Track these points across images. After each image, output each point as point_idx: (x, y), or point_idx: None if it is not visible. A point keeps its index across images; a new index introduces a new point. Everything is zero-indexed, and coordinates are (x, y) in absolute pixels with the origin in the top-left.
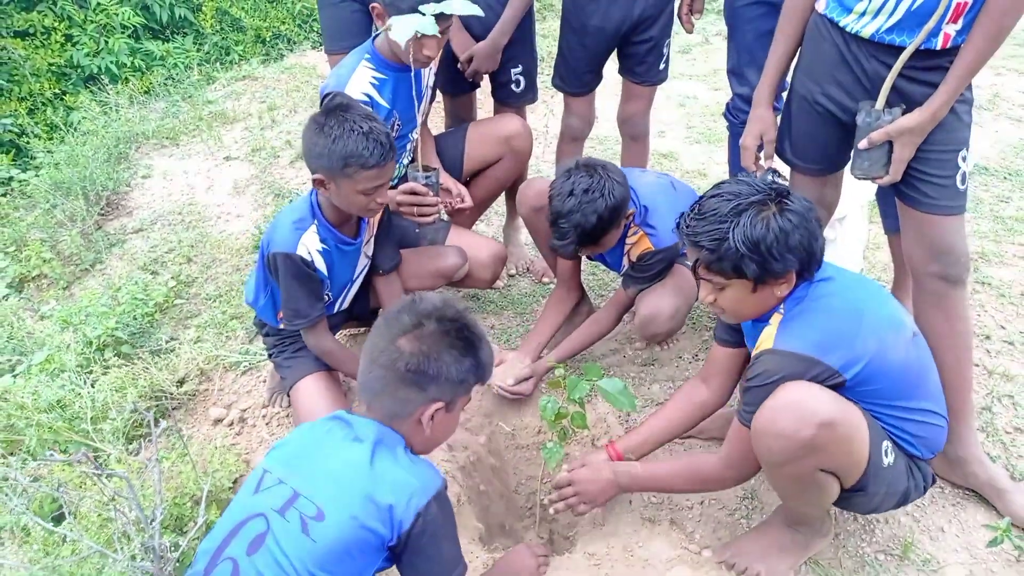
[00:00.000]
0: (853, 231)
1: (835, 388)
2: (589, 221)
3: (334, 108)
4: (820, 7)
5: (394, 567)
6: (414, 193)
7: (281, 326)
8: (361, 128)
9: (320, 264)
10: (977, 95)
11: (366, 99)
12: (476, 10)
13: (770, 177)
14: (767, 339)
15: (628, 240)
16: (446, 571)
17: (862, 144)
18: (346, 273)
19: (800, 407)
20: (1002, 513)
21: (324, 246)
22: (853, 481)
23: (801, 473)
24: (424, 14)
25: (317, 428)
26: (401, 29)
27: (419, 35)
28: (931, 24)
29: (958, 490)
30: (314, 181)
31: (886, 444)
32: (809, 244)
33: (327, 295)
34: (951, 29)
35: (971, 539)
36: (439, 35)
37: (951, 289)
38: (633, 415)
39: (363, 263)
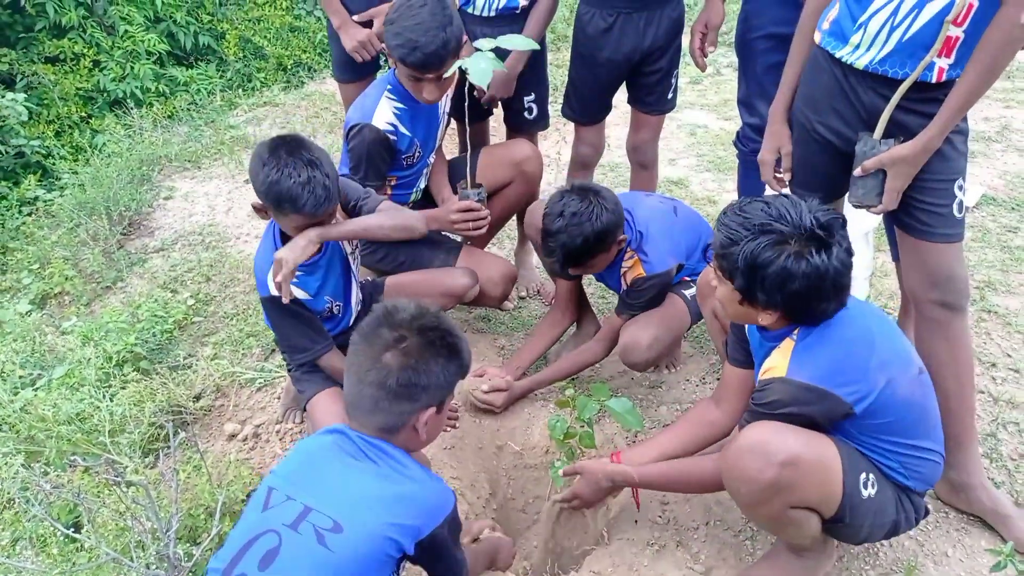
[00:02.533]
0: (859, 258)
1: (845, 420)
2: (575, 243)
3: (279, 146)
4: (817, 39)
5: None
6: (469, 210)
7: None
8: (299, 177)
9: (301, 294)
10: (986, 127)
11: (391, 129)
12: (534, 45)
13: (828, 217)
14: (779, 366)
15: (624, 264)
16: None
17: (856, 171)
18: (329, 292)
19: (762, 448)
20: (1006, 539)
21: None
22: (830, 513)
23: (774, 512)
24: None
25: (317, 444)
26: (478, 73)
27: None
28: (928, 59)
29: (962, 515)
30: (253, 205)
31: (865, 476)
32: (807, 299)
33: (336, 306)
34: (944, 63)
35: (975, 564)
36: (438, 79)
37: (952, 316)
38: (640, 435)
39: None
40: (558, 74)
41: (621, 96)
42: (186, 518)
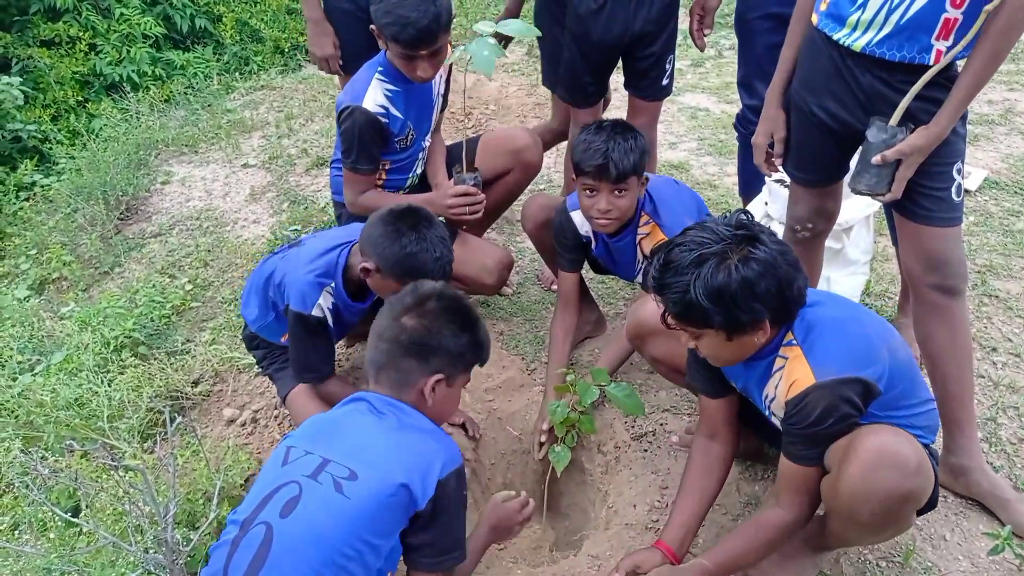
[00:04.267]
0: (859, 241)
1: (873, 399)
2: (620, 146)
3: (416, 220)
4: (814, 21)
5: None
6: (465, 194)
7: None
8: (435, 252)
9: (328, 320)
10: (990, 110)
11: (382, 111)
12: (535, 32)
13: (741, 216)
14: (801, 375)
15: (640, 231)
16: (446, 550)
17: (876, 159)
18: (350, 326)
19: (893, 460)
20: (1004, 522)
21: (334, 304)
22: (926, 500)
23: (902, 522)
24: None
25: (340, 408)
26: (481, 61)
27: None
28: (959, 48)
29: (961, 499)
30: (363, 268)
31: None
32: (779, 290)
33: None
34: (942, 45)
35: (973, 548)
36: (433, 55)
37: (950, 300)
38: (640, 420)
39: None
40: None
41: (618, 79)
42: (184, 503)
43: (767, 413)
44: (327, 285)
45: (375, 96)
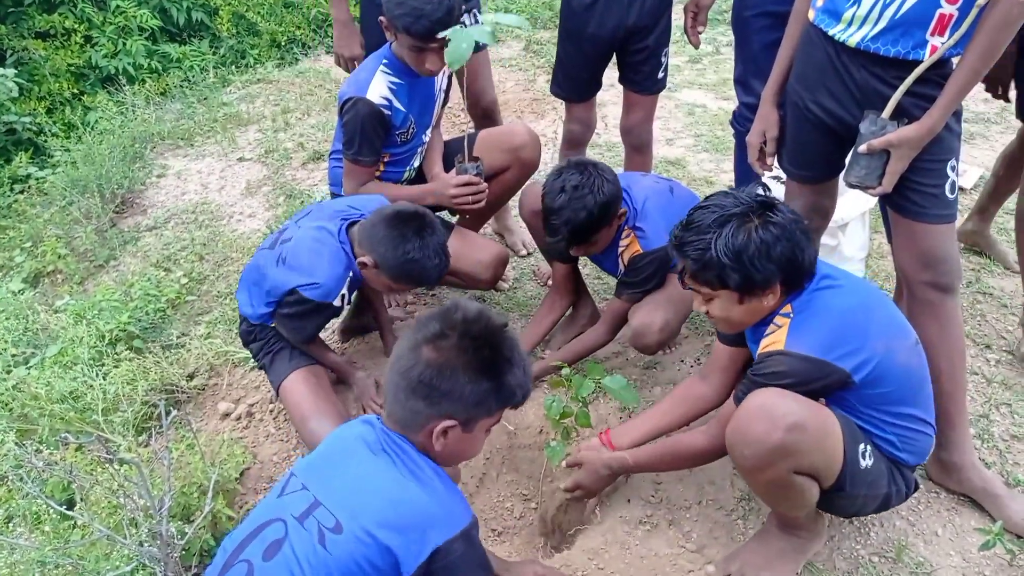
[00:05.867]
0: (855, 238)
1: (844, 390)
2: (579, 217)
3: (420, 224)
4: (811, 17)
5: None
6: (469, 184)
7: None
8: (432, 260)
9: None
10: (986, 108)
11: (386, 103)
12: (524, 23)
13: (760, 189)
14: (777, 341)
15: (621, 243)
16: None
17: (862, 148)
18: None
19: (768, 412)
20: (995, 518)
21: (349, 284)
22: (831, 482)
23: (777, 477)
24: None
25: (346, 433)
26: (456, 52)
27: (434, 45)
28: (951, 43)
29: (953, 495)
30: (361, 262)
31: (863, 447)
32: (793, 256)
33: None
34: (937, 41)
35: (964, 543)
36: (443, 49)
37: (944, 297)
38: (635, 413)
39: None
40: (549, 51)
41: (615, 75)
42: (179, 496)
43: None
44: (347, 277)
45: (379, 88)
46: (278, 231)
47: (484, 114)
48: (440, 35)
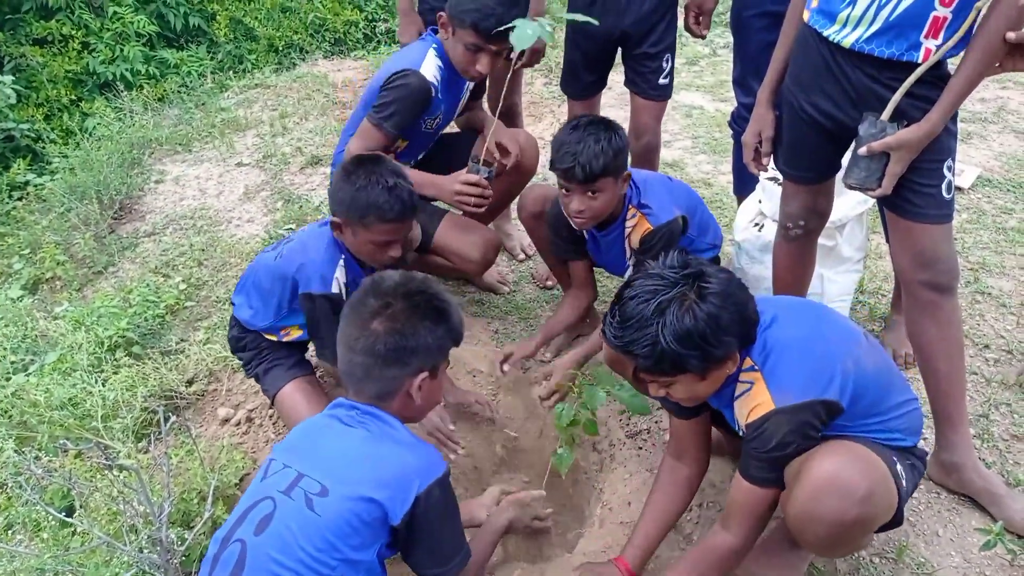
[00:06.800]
0: (853, 238)
1: (837, 418)
2: (591, 147)
3: (364, 160)
4: (805, 17)
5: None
6: (476, 185)
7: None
8: (387, 182)
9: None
10: (983, 108)
11: (435, 83)
12: (592, 20)
13: (676, 257)
14: (761, 402)
15: (627, 224)
16: (447, 557)
17: (862, 151)
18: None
19: (837, 488)
20: (996, 518)
21: (348, 278)
22: (888, 518)
23: (853, 545)
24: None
25: (319, 419)
26: (521, 36)
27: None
28: (948, 46)
29: (953, 495)
30: (332, 223)
31: (898, 467)
32: (742, 317)
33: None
34: (931, 44)
35: (965, 543)
36: (496, 54)
37: (941, 298)
38: (635, 418)
39: None
40: (555, 54)
41: (617, 78)
42: (179, 502)
43: (740, 432)
44: (339, 259)
45: (430, 68)
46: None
47: (506, 112)
48: (502, 28)
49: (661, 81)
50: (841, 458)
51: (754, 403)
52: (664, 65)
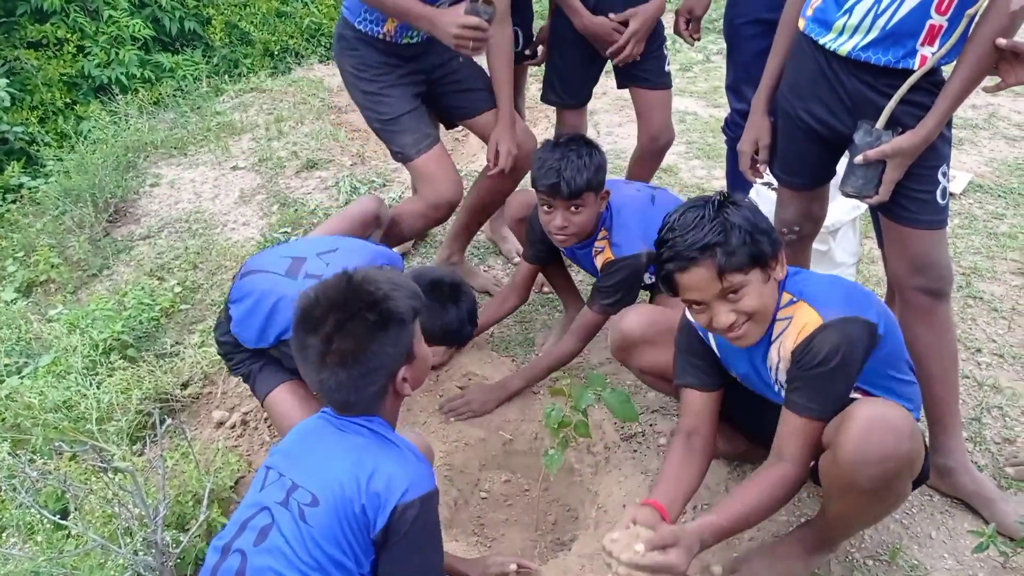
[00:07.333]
0: (846, 243)
1: (873, 346)
2: (573, 162)
3: (456, 293)
4: (801, 26)
5: None
6: (477, 28)
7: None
8: (468, 329)
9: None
10: (974, 114)
11: None
12: None
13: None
14: (807, 322)
15: (596, 247)
16: None
17: (858, 159)
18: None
19: (888, 423)
20: (989, 521)
21: None
22: (918, 474)
23: (902, 490)
24: None
25: (313, 422)
26: None
27: None
28: (942, 53)
29: (946, 498)
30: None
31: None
32: (771, 227)
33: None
34: (927, 51)
35: (958, 545)
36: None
37: (935, 303)
38: (635, 426)
39: None
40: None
41: (609, 83)
42: (174, 505)
43: (773, 383)
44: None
45: None
46: (288, 258)
47: None
48: None
49: (666, 69)
50: (881, 405)
51: (801, 323)
52: (664, 53)
